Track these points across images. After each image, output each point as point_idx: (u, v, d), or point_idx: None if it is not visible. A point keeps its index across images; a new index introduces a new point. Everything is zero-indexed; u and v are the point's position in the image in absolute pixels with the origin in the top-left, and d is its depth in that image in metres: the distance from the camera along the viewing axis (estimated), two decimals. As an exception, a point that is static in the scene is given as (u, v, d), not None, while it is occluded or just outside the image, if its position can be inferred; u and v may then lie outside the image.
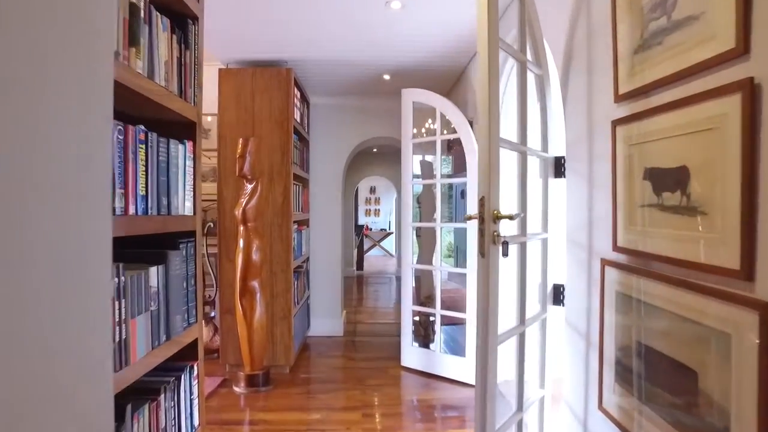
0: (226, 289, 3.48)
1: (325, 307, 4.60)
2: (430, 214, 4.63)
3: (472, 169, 3.27)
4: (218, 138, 3.46)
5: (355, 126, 4.64)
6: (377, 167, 9.26)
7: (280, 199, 3.46)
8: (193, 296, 1.52)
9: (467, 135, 3.28)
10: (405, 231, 3.61)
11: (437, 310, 3.46)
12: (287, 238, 3.46)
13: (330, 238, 4.60)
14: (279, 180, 3.45)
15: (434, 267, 3.48)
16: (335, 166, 4.62)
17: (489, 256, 1.41)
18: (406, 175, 3.60)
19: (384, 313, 5.91)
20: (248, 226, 3.17)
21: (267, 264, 3.44)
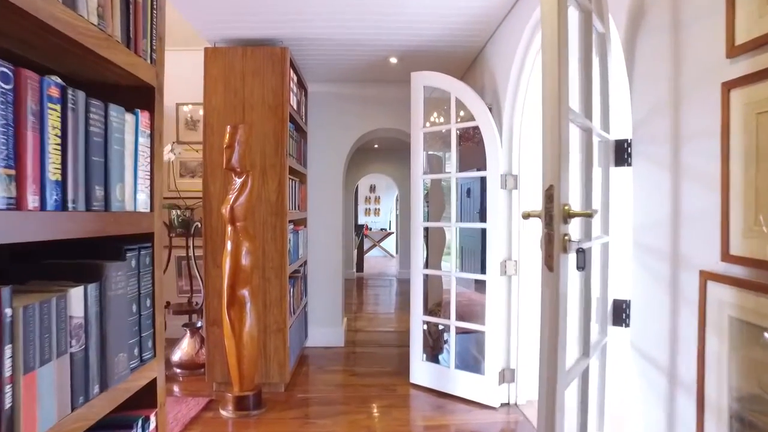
0: (213, 298, 3.07)
1: (324, 315, 4.19)
2: (438, 213, 4.23)
3: (492, 161, 2.86)
4: (204, 125, 3.05)
5: (358, 116, 4.23)
6: (378, 164, 8.85)
7: (274, 195, 3.05)
8: (148, 323, 1.11)
9: (487, 123, 2.88)
10: (415, 232, 3.21)
11: (452, 321, 3.05)
12: (282, 239, 3.05)
13: (330, 240, 4.19)
14: (272, 174, 3.04)
15: (449, 273, 3.08)
16: (336, 161, 4.21)
17: (559, 269, 1.01)
18: (416, 168, 3.20)
19: (386, 319, 5.50)
20: (237, 227, 2.76)
21: (258, 269, 3.03)
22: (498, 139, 2.86)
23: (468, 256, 4.50)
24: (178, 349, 3.51)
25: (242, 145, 2.77)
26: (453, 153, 3.03)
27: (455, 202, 3.05)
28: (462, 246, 4.94)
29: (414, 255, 3.22)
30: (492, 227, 2.88)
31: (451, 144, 3.04)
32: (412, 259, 3.24)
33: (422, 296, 3.22)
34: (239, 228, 2.77)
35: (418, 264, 3.20)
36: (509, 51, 2.78)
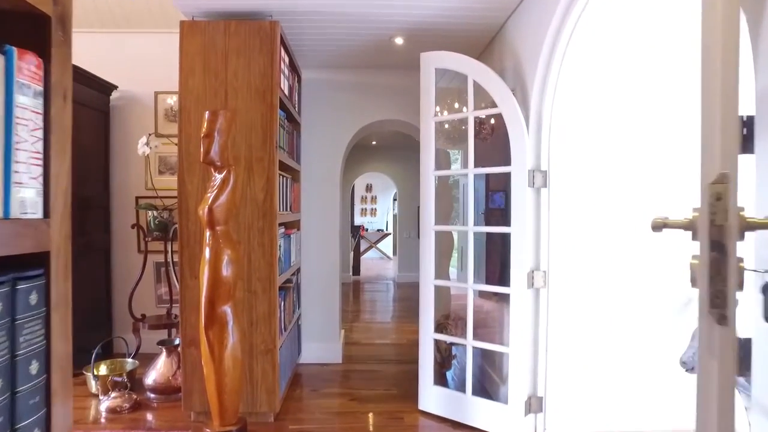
0: (190, 313, 2.63)
1: (319, 329, 3.76)
2: (446, 214, 3.82)
3: (518, 155, 2.45)
4: (179, 112, 2.61)
5: (357, 107, 3.80)
6: (376, 162, 8.42)
7: (261, 194, 2.61)
8: (32, 405, 0.67)
9: (512, 110, 2.46)
10: (425, 236, 2.78)
11: (469, 341, 2.63)
12: (271, 245, 2.62)
13: (326, 245, 3.75)
14: (259, 169, 2.61)
15: (465, 285, 2.65)
16: (333, 156, 3.78)
17: (734, 319, 0.58)
18: (426, 163, 2.78)
19: (386, 329, 5.07)
20: (217, 231, 2.32)
21: (243, 281, 2.59)
22: (525, 128, 2.44)
23: (474, 263, 4.10)
24: (152, 369, 3.06)
25: (223, 134, 2.33)
26: (470, 145, 2.61)
27: (472, 203, 2.62)
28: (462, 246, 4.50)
29: (424, 263, 2.79)
30: (517, 232, 2.46)
31: (468, 135, 2.61)
32: (421, 268, 2.81)
33: (433, 311, 2.79)
34: (219, 233, 2.33)
35: (429, 273, 2.77)
36: (538, 25, 2.36)
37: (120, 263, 3.97)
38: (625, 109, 2.43)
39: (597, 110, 2.44)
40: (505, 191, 3.42)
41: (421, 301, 2.81)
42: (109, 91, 3.82)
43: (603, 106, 2.43)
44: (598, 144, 2.46)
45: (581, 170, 2.47)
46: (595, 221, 2.48)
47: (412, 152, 8.43)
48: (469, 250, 2.62)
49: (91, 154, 3.69)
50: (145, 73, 3.87)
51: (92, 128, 3.70)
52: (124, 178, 3.95)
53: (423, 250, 2.79)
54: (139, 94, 3.92)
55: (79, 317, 3.69)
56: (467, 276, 2.64)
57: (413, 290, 7.68)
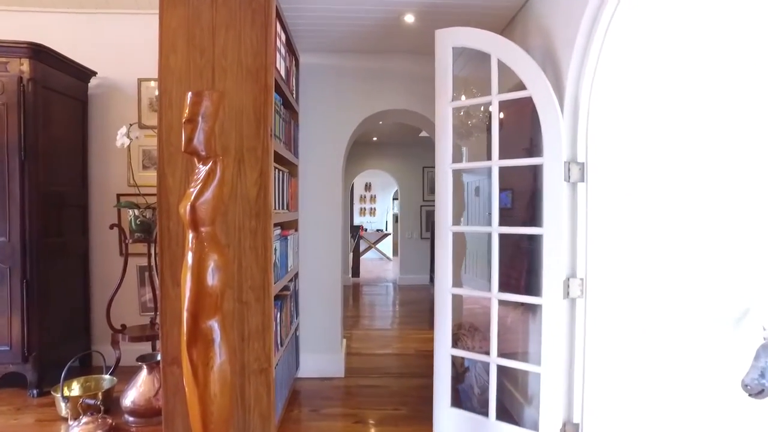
0: (171, 327, 2.29)
1: (319, 340, 3.42)
2: (458, 214, 3.49)
3: (552, 144, 2.11)
4: (159, 95, 2.26)
5: (361, 95, 3.46)
6: (376, 160, 8.09)
7: (254, 190, 2.26)
8: None
9: (544, 92, 2.13)
10: (442, 238, 2.45)
11: (493, 359, 2.30)
12: (265, 249, 2.27)
13: (327, 247, 3.42)
14: (252, 161, 2.26)
15: (488, 294, 2.31)
16: (334, 149, 3.44)
17: None
18: (442, 156, 2.44)
19: (390, 337, 4.73)
20: (201, 233, 1.97)
21: (233, 290, 2.25)
22: (559, 114, 2.11)
23: (479, 262, 3.78)
24: (132, 388, 2.71)
25: (209, 119, 1.98)
26: (494, 134, 2.27)
27: (496, 200, 2.29)
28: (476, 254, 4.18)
29: (440, 268, 2.45)
30: (551, 233, 2.12)
31: (491, 122, 2.28)
32: (437, 274, 2.47)
33: (450, 323, 2.46)
34: (204, 234, 1.98)
35: (446, 281, 2.43)
36: (577, -8, 2.03)
37: (99, 267, 3.62)
38: (678, 93, 2.10)
39: (645, 93, 2.10)
40: (511, 189, 3.11)
41: (437, 312, 2.47)
42: (88, 77, 3.47)
43: (653, 88, 2.09)
44: (643, 133, 2.13)
45: (623, 163, 2.14)
46: (638, 221, 2.15)
47: (414, 148, 8.12)
48: (494, 254, 2.28)
49: (66, 147, 3.34)
50: (128, 59, 3.52)
51: (68, 118, 3.35)
52: (103, 173, 3.60)
53: (439, 254, 2.45)
54: (120, 81, 3.57)
55: (53, 327, 3.31)
56: (491, 284, 2.30)
57: (416, 293, 7.38)
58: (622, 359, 2.14)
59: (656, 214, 2.13)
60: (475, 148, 3.31)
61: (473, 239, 3.42)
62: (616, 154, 2.13)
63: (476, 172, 3.59)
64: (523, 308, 2.57)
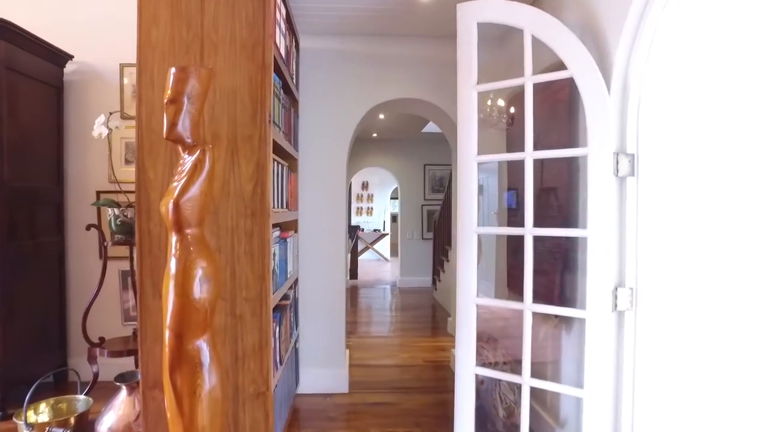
0: (152, 344, 1.97)
1: (321, 352, 3.11)
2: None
3: (598, 132, 1.82)
4: (137, 73, 1.94)
5: (368, 82, 3.16)
6: (376, 157, 7.78)
7: (249, 185, 1.94)
8: None
9: (589, 70, 1.83)
10: (464, 241, 2.14)
11: (525, 379, 1.99)
12: (262, 254, 1.95)
13: (330, 251, 3.11)
14: (247, 151, 1.94)
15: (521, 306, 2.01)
16: (337, 141, 3.13)
17: None
18: (466, 146, 2.13)
19: (395, 346, 4.43)
20: (186, 235, 1.65)
21: (225, 302, 1.93)
22: (606, 97, 1.81)
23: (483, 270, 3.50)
24: (109, 411, 2.38)
25: (196, 99, 1.67)
26: (528, 122, 1.97)
27: (530, 197, 1.98)
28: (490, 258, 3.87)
29: (463, 276, 2.15)
30: (597, 236, 1.82)
31: (525, 108, 1.97)
32: (459, 282, 2.17)
33: (474, 339, 2.15)
34: (190, 237, 1.66)
35: (469, 289, 2.13)
36: (629, -46, 1.73)
37: (77, 272, 3.28)
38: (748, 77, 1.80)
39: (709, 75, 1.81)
40: (516, 189, 2.84)
41: (459, 325, 2.17)
42: (63, 61, 3.12)
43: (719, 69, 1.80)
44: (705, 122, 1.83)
45: (679, 155, 1.84)
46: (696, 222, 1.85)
47: (415, 145, 7.81)
48: (528, 259, 1.97)
49: (39, 138, 3.00)
50: (109, 41, 3.18)
51: (41, 106, 3.00)
52: (82, 168, 3.26)
53: (461, 258, 2.14)
54: (100, 66, 3.23)
55: (22, 340, 2.94)
56: (524, 293, 2.00)
57: (418, 297, 7.05)
58: (678, 382, 1.84)
59: (718, 215, 1.84)
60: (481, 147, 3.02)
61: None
62: (670, 145, 1.83)
63: (481, 169, 3.29)
64: (557, 320, 2.27)
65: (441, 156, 7.59)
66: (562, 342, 2.27)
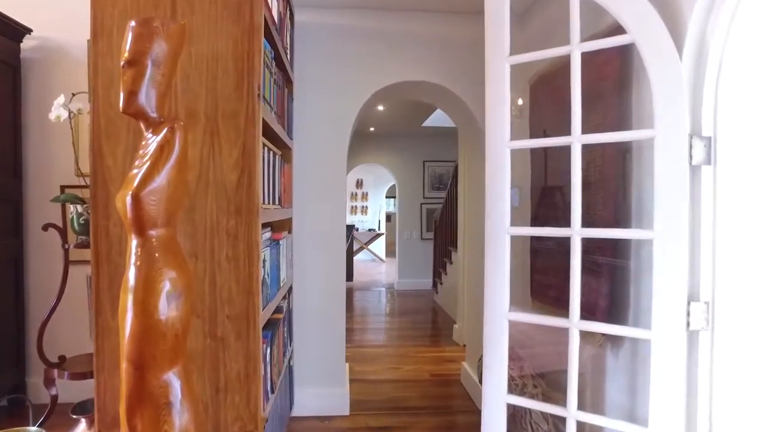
0: (111, 375, 1.58)
1: (319, 371, 2.73)
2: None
3: (669, 110, 1.46)
4: (92, 32, 1.55)
5: (370, 63, 2.79)
6: (373, 153, 7.41)
7: (234, 174, 1.57)
8: None
9: (656, 32, 1.48)
10: (494, 243, 1.78)
11: (570, 411, 1.64)
12: (249, 260, 1.57)
13: (329, 255, 2.74)
14: (231, 132, 1.56)
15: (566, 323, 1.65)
16: (336, 129, 2.76)
17: None
18: (496, 129, 1.77)
19: (398, 356, 4.06)
20: (150, 238, 1.27)
21: (203, 321, 1.55)
22: (680, 65, 1.46)
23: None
24: (66, 447, 1.99)
25: (163, 64, 1.30)
26: (575, 100, 1.61)
27: (578, 192, 1.62)
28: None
29: (492, 285, 1.79)
30: (666, 238, 1.47)
31: (571, 83, 1.62)
32: (487, 293, 1.81)
33: (506, 361, 1.79)
34: (156, 240, 1.29)
35: (500, 302, 1.77)
36: None
37: (38, 279, 2.87)
38: None
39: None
40: (519, 186, 2.52)
41: (487, 344, 1.81)
42: (19, 36, 2.72)
43: None
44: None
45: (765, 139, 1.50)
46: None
47: (414, 140, 7.41)
48: (575, 266, 1.62)
49: (-9, 125, 2.59)
50: (74, 12, 2.77)
51: (-7, 87, 2.60)
52: (44, 159, 2.85)
53: (491, 265, 1.78)
54: (65, 42, 2.82)
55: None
56: (570, 308, 1.64)
57: (418, 300, 6.66)
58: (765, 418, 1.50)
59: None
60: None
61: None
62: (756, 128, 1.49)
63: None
64: (602, 338, 1.92)
65: (441, 152, 7.24)
66: (608, 364, 1.92)
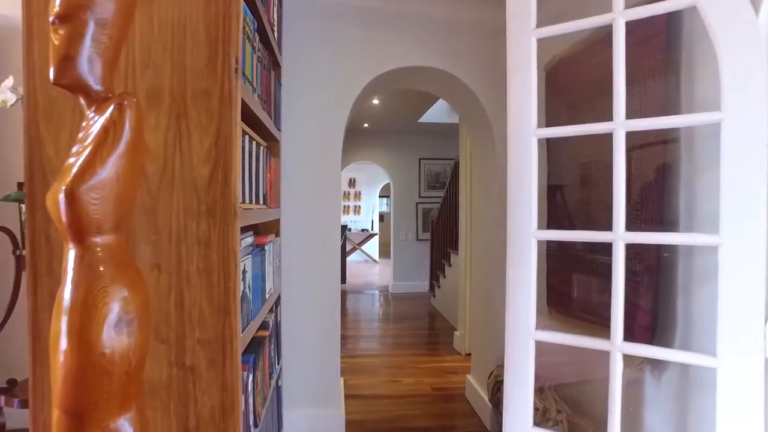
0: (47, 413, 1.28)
1: (311, 390, 2.45)
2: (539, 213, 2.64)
3: (740, 85, 1.20)
4: (24, -10, 1.25)
5: (368, 46, 2.51)
6: (366, 150, 7.13)
7: (205, 168, 1.27)
8: None
9: (724, -6, 1.21)
10: (520, 248, 1.51)
11: (613, 453, 1.37)
12: (225, 270, 1.28)
13: (323, 260, 2.45)
14: (201, 115, 1.27)
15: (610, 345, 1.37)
16: (331, 119, 2.48)
17: None
18: (520, 114, 1.50)
19: (396, 366, 3.78)
20: (92, 246, 0.98)
21: (167, 347, 1.26)
22: (757, 30, 1.19)
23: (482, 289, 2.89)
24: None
25: (111, 24, 1.00)
26: (618, 76, 1.34)
27: (621, 188, 1.35)
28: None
29: (515, 298, 1.51)
30: (737, 244, 1.21)
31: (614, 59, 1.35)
32: (510, 309, 1.53)
33: (532, 387, 1.52)
34: (100, 250, 0.99)
35: (525, 319, 1.50)
36: None
37: (-7, 287, 2.54)
38: None
39: None
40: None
41: (510, 369, 1.53)
42: (-31, 11, 2.40)
43: None
44: None
45: None
46: None
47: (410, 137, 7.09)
48: (617, 278, 1.35)
49: (-65, 112, 2.26)
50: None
51: (-62, 70, 2.27)
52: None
53: (514, 275, 1.51)
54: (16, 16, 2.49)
55: None
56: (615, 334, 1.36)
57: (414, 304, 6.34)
58: None
59: None
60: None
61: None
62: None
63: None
64: (642, 362, 1.66)
65: (438, 149, 6.98)
66: (648, 391, 1.66)
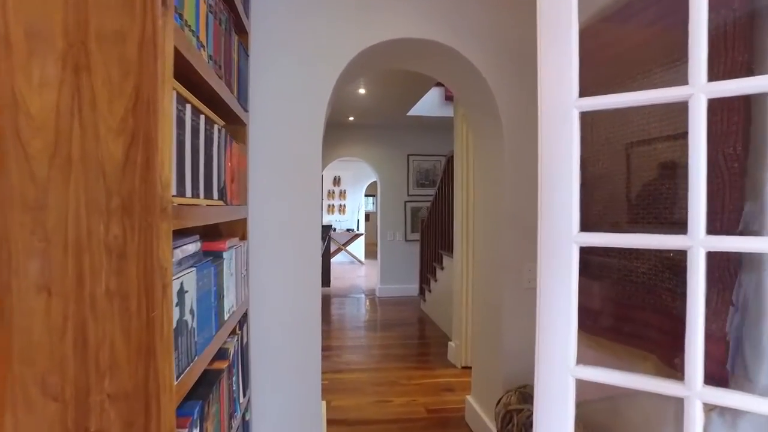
0: None
1: (285, 419, 2.06)
2: (607, 210, 2.31)
3: None
4: None
5: (355, 12, 2.12)
6: (351, 146, 6.74)
7: (117, 144, 0.87)
8: None
9: None
10: (555, 256, 1.14)
11: None
12: (149, 291, 0.89)
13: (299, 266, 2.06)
14: (111, 68, 0.88)
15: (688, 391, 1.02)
16: (310, 99, 2.09)
17: None
18: (555, 82, 1.13)
19: (385, 382, 3.41)
20: None
21: (62, 408, 0.86)
22: None
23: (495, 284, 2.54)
24: None
25: None
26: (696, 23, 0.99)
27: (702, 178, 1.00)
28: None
29: (549, 322, 1.15)
30: None
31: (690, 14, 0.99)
32: (540, 338, 1.17)
33: None
34: None
35: (561, 350, 1.13)
36: None
37: None
38: None
39: None
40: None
41: (541, 413, 1.17)
42: None
43: None
44: None
45: None
46: None
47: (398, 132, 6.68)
48: (695, 301, 1.00)
49: None
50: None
51: None
52: None
53: (548, 291, 1.15)
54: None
55: None
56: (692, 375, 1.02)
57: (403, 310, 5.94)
58: None
59: None
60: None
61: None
62: None
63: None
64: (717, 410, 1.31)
65: (428, 145, 6.63)
66: None
